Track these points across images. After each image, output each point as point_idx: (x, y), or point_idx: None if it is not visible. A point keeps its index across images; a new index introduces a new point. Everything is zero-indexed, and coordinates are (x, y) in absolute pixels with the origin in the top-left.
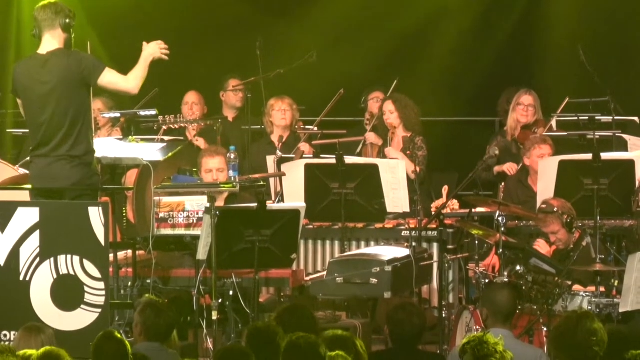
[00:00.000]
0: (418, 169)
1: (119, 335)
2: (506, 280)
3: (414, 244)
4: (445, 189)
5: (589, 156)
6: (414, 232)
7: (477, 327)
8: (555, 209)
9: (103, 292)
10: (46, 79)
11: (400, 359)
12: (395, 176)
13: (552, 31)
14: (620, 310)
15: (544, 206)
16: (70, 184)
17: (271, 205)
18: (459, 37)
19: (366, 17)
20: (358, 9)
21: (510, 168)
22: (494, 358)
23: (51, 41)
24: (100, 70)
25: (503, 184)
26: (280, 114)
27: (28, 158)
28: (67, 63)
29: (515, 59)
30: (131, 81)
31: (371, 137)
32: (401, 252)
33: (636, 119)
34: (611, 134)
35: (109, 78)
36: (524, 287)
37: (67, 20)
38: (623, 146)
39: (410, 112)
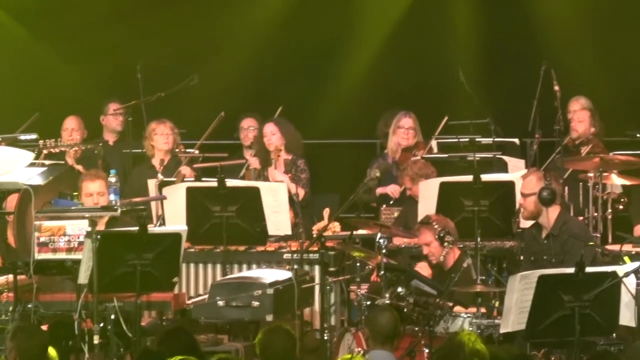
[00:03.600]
0: (303, 192)
1: None
2: (387, 302)
3: (295, 266)
4: (326, 212)
5: (469, 178)
6: (295, 255)
7: (359, 349)
8: (431, 221)
9: None
10: None
11: None
12: (276, 199)
13: (431, 53)
14: (501, 331)
15: (424, 218)
16: None
17: (152, 228)
18: (339, 59)
19: (247, 42)
20: (237, 34)
21: (393, 191)
22: None
23: None
24: None
25: (384, 205)
26: (163, 137)
27: None
28: None
29: (395, 80)
30: None
31: (254, 161)
32: (283, 274)
33: (516, 140)
34: (491, 156)
35: None
36: (405, 309)
37: None
38: (503, 168)
39: (291, 134)
